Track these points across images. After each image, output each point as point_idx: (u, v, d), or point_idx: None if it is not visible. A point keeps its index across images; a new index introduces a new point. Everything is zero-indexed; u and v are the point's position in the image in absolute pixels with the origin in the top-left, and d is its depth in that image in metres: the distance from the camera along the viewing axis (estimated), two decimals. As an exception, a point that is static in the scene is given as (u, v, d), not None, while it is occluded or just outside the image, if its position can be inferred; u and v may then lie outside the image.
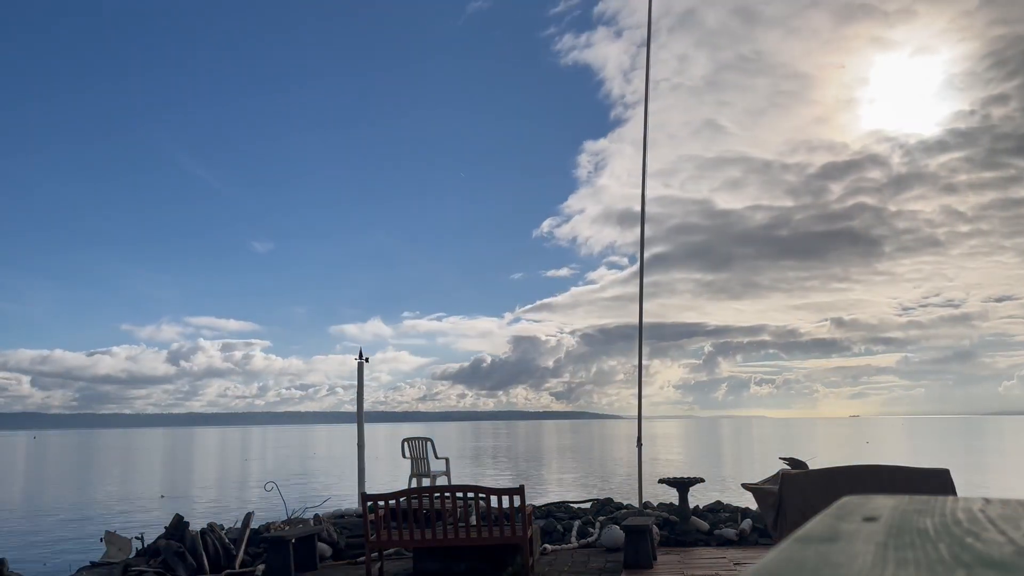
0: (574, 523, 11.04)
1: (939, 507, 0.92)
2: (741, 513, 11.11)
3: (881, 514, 0.90)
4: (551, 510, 11.83)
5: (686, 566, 8.93)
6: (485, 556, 8.68)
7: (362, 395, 12.98)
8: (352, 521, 10.99)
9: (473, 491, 8.52)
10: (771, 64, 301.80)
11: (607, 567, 9.12)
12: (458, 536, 8.37)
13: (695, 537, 10.34)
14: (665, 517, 10.58)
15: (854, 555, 0.74)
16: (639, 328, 11.87)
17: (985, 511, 0.90)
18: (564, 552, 10.08)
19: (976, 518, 0.87)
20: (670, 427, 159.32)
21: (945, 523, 0.85)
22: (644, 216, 11.98)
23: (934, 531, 0.82)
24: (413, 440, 12.87)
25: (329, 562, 9.94)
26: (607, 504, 12.24)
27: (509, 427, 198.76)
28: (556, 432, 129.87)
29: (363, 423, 12.81)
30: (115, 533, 10.86)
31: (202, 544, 9.49)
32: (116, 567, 9.45)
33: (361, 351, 12.96)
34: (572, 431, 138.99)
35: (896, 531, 0.82)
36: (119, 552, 10.32)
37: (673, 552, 9.76)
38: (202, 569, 9.27)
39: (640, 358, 11.92)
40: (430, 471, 12.70)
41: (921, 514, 0.89)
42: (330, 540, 10.23)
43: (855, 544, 0.77)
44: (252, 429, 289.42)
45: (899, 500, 0.97)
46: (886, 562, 0.72)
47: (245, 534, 9.92)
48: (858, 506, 0.94)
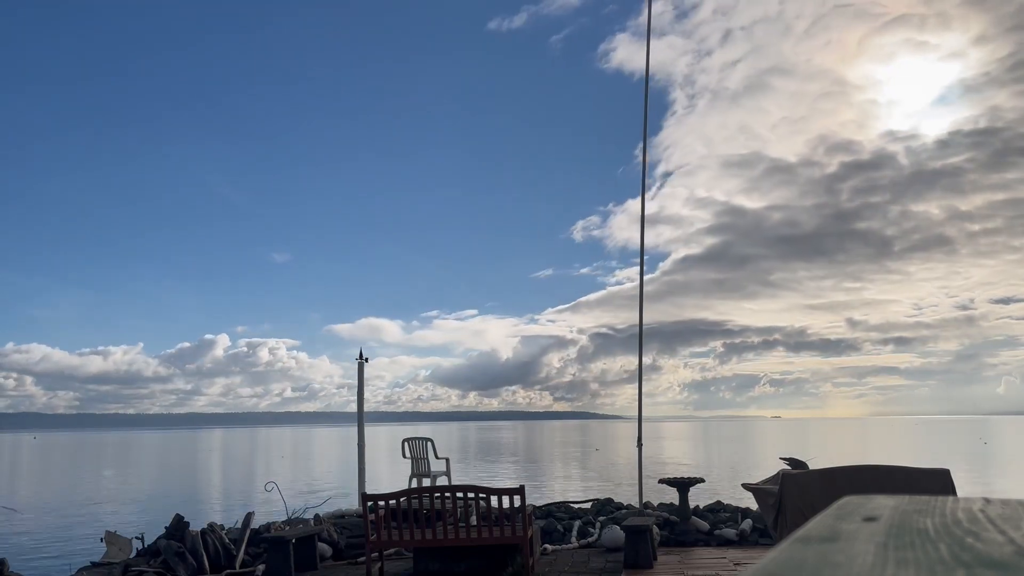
0: (574, 523, 11.03)
1: (939, 507, 0.92)
2: (741, 513, 11.10)
3: (881, 514, 0.89)
4: (551, 510, 11.83)
5: (686, 566, 8.93)
6: (485, 556, 8.68)
7: (362, 395, 12.98)
8: (352, 521, 10.98)
9: (473, 491, 8.52)
10: (802, 68, 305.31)
11: (607, 567, 9.12)
12: (458, 536, 8.37)
13: (695, 537, 10.33)
14: (665, 517, 10.58)
15: (854, 555, 0.74)
16: (639, 329, 11.87)
17: (985, 511, 0.90)
18: (564, 552, 10.08)
19: (976, 518, 0.87)
20: (677, 428, 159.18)
21: (945, 523, 0.85)
22: (644, 218, 11.99)
23: (934, 531, 0.82)
24: (413, 440, 12.86)
25: (329, 562, 9.93)
26: (607, 504, 12.23)
27: (510, 428, 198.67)
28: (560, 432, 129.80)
29: (363, 423, 12.80)
30: (115, 533, 10.86)
31: (202, 544, 9.49)
32: (116, 567, 9.45)
33: (361, 351, 12.96)
34: (576, 431, 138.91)
35: (896, 531, 0.82)
36: (119, 552, 10.32)
37: (673, 552, 9.76)
38: (202, 569, 9.27)
39: (640, 359, 11.92)
40: (430, 471, 12.69)
41: (921, 514, 0.89)
42: (330, 540, 10.23)
43: (855, 544, 0.77)
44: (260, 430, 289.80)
45: (899, 500, 0.97)
46: (886, 562, 0.72)
47: (245, 534, 9.92)
48: (858, 506, 0.94)
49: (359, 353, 12.99)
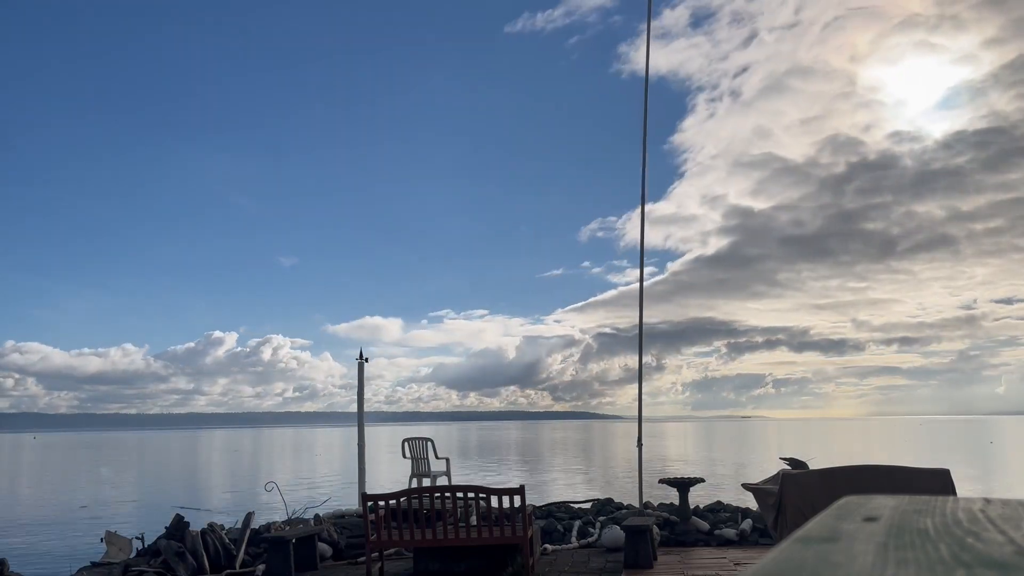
0: (574, 523, 11.03)
1: (939, 507, 0.92)
2: (741, 513, 11.10)
3: (881, 514, 0.89)
4: (551, 510, 11.83)
5: (686, 566, 8.93)
6: (485, 556, 8.68)
7: (363, 395, 12.98)
8: (352, 521, 10.98)
9: (473, 491, 8.52)
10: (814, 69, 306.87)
11: (607, 567, 9.11)
12: (458, 536, 8.36)
13: (695, 537, 10.33)
14: (665, 517, 10.58)
15: (854, 555, 0.74)
16: (639, 330, 11.87)
17: (985, 511, 0.89)
18: (564, 552, 10.08)
19: (976, 518, 0.86)
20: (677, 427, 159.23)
21: (945, 523, 0.85)
22: (644, 221, 11.99)
23: (934, 531, 0.82)
24: (413, 440, 12.85)
25: (329, 562, 9.93)
26: (607, 504, 12.23)
27: (510, 428, 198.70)
28: (561, 432, 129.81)
29: (363, 423, 12.80)
30: (115, 533, 10.86)
31: (202, 544, 9.49)
32: (116, 567, 9.45)
33: (361, 351, 12.96)
34: (577, 431, 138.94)
35: (896, 531, 0.82)
36: (119, 552, 10.32)
37: (673, 552, 9.76)
38: (202, 569, 9.27)
39: (640, 359, 11.92)
40: (430, 471, 12.69)
41: (921, 514, 0.89)
42: (330, 540, 10.23)
43: (855, 544, 0.77)
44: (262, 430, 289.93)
45: (899, 500, 0.97)
46: (886, 562, 0.72)
47: (245, 534, 9.92)
48: (858, 506, 0.93)
49: (359, 353, 13.00)
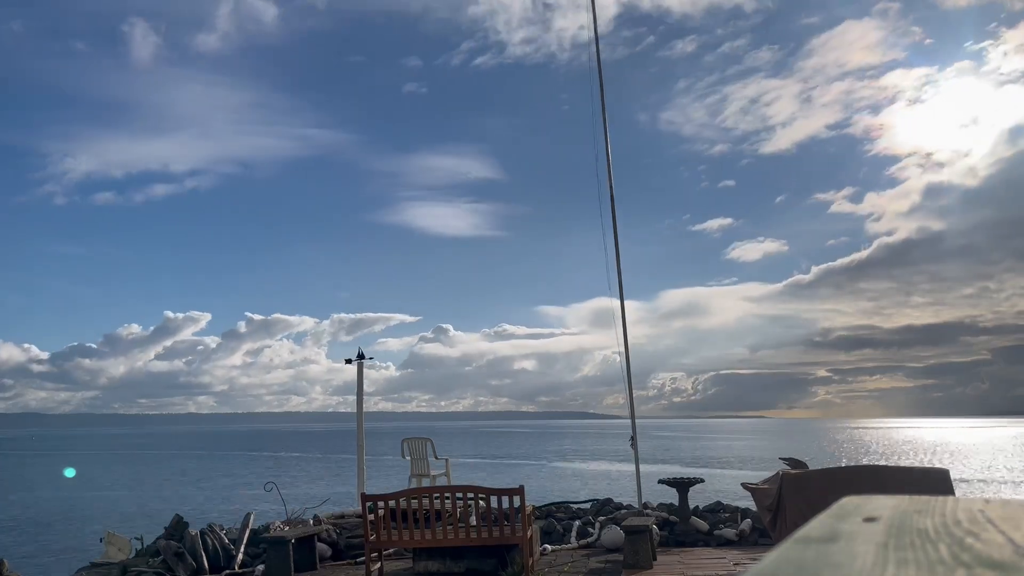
0: (574, 523, 11.03)
1: (939, 507, 0.92)
2: (741, 513, 11.10)
3: (881, 514, 0.89)
4: (551, 510, 11.82)
5: (686, 566, 8.93)
6: (485, 556, 8.68)
7: (361, 395, 12.97)
8: (352, 521, 10.98)
9: (473, 491, 8.52)
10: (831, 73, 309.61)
11: (607, 567, 9.11)
12: (458, 536, 8.36)
13: (695, 537, 10.33)
14: (665, 517, 10.57)
15: (854, 555, 0.74)
16: (623, 323, 11.87)
17: (985, 511, 0.89)
18: (564, 552, 10.08)
19: (976, 518, 0.86)
20: (678, 427, 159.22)
21: (945, 523, 0.85)
22: (615, 224, 11.98)
23: (934, 531, 0.82)
24: (413, 440, 12.85)
25: (329, 562, 9.93)
26: (607, 504, 12.22)
27: (510, 427, 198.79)
28: (561, 431, 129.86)
29: (363, 423, 12.80)
30: (115, 533, 10.85)
31: (202, 544, 9.49)
32: (116, 567, 9.45)
33: (360, 351, 12.95)
34: (577, 430, 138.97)
35: (896, 531, 0.82)
36: (119, 552, 10.32)
37: (673, 552, 9.76)
38: (202, 569, 9.27)
39: (628, 359, 11.92)
40: (430, 471, 12.69)
41: (921, 514, 0.89)
42: (330, 540, 10.22)
43: (855, 544, 0.77)
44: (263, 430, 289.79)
45: (899, 500, 0.96)
46: (886, 562, 0.72)
47: (245, 535, 9.92)
48: (858, 506, 0.93)
49: (359, 353, 12.99)
